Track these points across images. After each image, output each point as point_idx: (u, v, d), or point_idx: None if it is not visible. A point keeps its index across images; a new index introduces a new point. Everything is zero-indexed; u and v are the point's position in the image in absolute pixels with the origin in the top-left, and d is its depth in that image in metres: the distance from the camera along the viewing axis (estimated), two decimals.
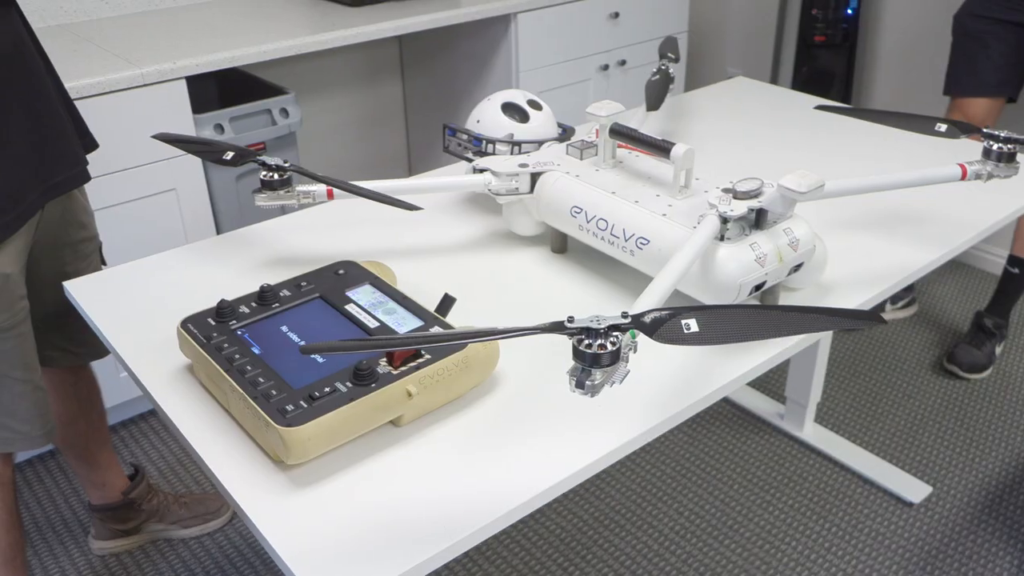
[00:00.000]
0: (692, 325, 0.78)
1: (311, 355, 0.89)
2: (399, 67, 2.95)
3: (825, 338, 1.98)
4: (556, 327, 0.77)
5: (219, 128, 2.01)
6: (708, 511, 1.89)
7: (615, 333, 0.77)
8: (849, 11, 2.65)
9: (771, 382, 2.30)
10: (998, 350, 2.37)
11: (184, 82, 1.91)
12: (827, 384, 2.29)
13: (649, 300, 0.91)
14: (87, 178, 1.35)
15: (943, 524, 1.85)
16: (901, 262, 1.25)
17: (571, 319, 0.77)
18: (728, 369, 1.04)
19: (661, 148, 1.17)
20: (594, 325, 0.77)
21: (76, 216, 1.38)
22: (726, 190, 1.08)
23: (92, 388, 1.62)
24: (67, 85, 1.74)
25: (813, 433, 2.09)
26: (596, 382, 0.77)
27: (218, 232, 2.09)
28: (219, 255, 1.29)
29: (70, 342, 1.46)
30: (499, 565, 1.77)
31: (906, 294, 2.54)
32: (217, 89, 2.32)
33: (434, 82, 2.84)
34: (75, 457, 1.67)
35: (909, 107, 2.86)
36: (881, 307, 2.52)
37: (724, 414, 2.18)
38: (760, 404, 2.20)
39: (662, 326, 0.78)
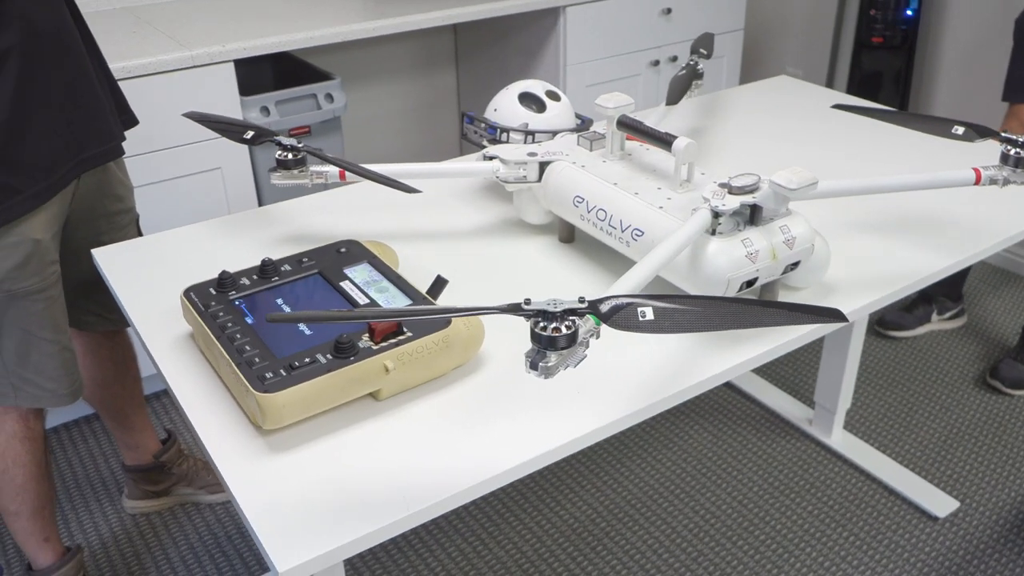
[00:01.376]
0: (648, 313, 0.79)
1: (276, 323, 0.93)
2: (454, 57, 2.99)
3: (856, 343, 1.94)
4: (513, 308, 0.79)
5: (265, 111, 2.08)
6: (724, 511, 1.88)
7: (571, 317, 0.79)
8: (909, 12, 2.58)
9: (802, 386, 2.27)
10: None
11: (232, 65, 1.98)
12: (862, 392, 2.25)
13: (621, 287, 0.92)
14: (120, 153, 1.42)
15: (967, 541, 1.81)
16: (910, 267, 1.23)
17: (528, 301, 0.79)
18: (719, 361, 1.04)
19: (663, 141, 1.18)
20: (550, 308, 0.78)
21: (112, 189, 1.45)
22: (722, 185, 1.08)
23: (127, 353, 1.70)
24: (121, 64, 1.83)
25: (841, 440, 2.06)
26: (550, 364, 0.79)
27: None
28: (241, 230, 1.34)
29: (103, 308, 1.54)
30: (509, 550, 1.80)
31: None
32: (272, 72, 2.40)
33: (487, 73, 2.88)
34: (110, 419, 1.75)
35: (970, 113, 2.78)
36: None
37: (752, 415, 2.17)
38: (789, 408, 2.17)
39: (617, 313, 0.79)
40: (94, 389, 1.68)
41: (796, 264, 1.12)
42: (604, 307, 0.80)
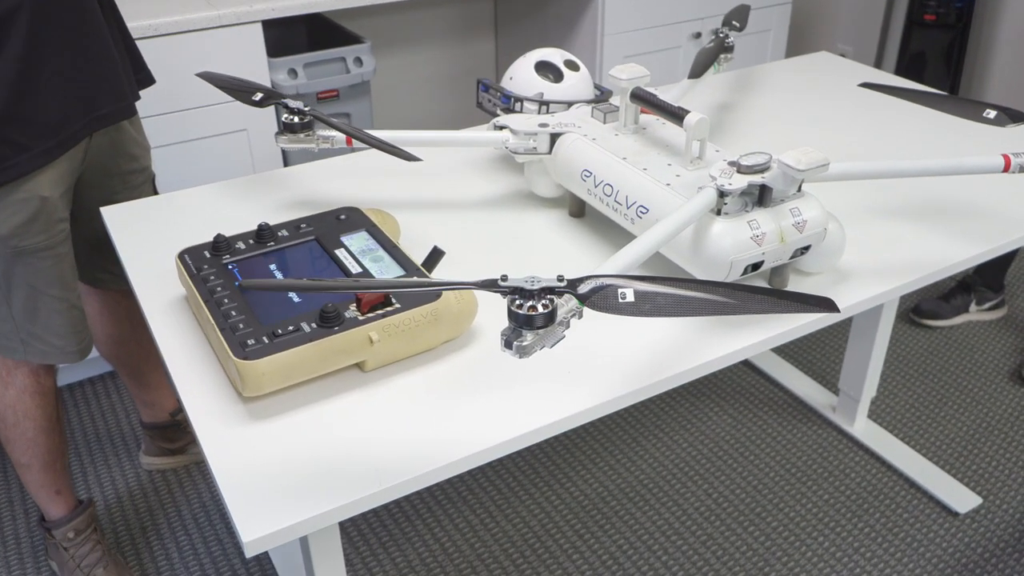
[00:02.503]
0: (628, 295, 0.76)
1: (248, 290, 0.92)
2: (493, 25, 2.95)
3: (884, 330, 1.88)
4: (488, 284, 0.77)
5: (293, 73, 2.07)
6: (738, 495, 1.85)
7: (549, 296, 0.76)
8: None
9: (828, 372, 2.22)
10: None
11: (260, 26, 1.97)
12: (889, 380, 2.19)
13: (612, 266, 0.89)
14: (133, 112, 1.41)
15: (986, 538, 1.75)
16: (931, 256, 1.18)
17: (504, 277, 0.77)
18: (717, 347, 1.01)
19: (675, 115, 1.14)
20: (527, 286, 0.76)
21: (126, 148, 1.45)
22: (731, 163, 1.04)
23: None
24: (148, 22, 1.83)
25: (864, 429, 2.01)
26: (525, 343, 0.77)
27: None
28: (252, 192, 1.33)
29: (117, 266, 1.54)
30: (517, 524, 1.79)
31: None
32: (305, 34, 2.38)
33: (526, 43, 2.83)
34: (127, 376, 1.77)
35: None
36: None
37: (774, 399, 2.12)
38: (813, 393, 2.12)
39: (596, 293, 0.76)
40: (111, 346, 1.70)
41: (806, 248, 1.07)
42: (583, 287, 0.77)
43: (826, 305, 0.76)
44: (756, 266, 1.04)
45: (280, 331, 0.92)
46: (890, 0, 2.70)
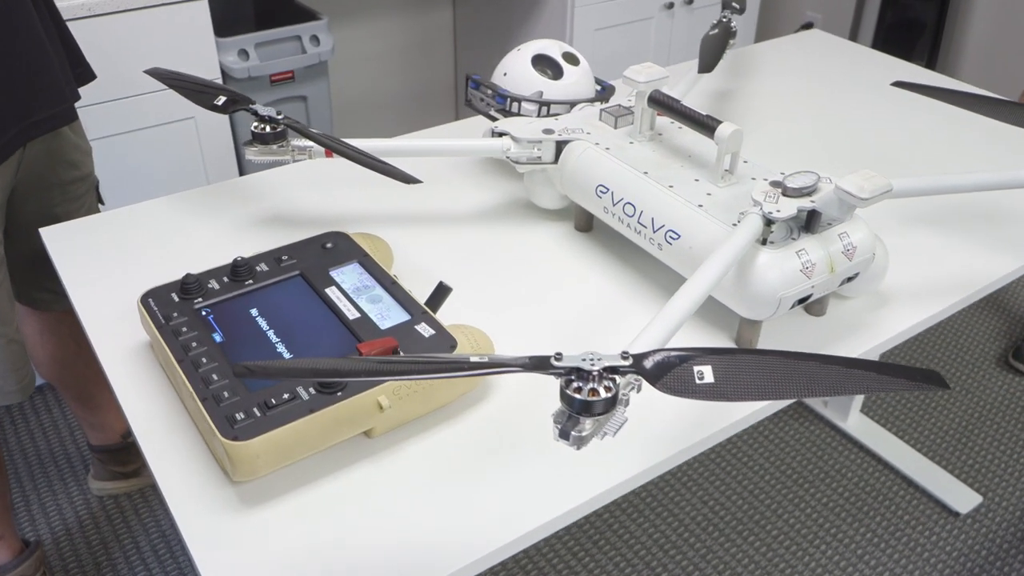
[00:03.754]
0: (706, 374, 0.64)
1: (243, 378, 0.78)
2: None
3: None
4: (540, 364, 0.64)
5: (244, 54, 1.88)
6: (735, 502, 1.77)
7: (611, 377, 0.64)
8: None
9: None
10: None
11: (206, 3, 1.78)
12: None
13: (670, 319, 0.77)
14: (72, 117, 1.24)
15: (990, 540, 1.71)
16: (973, 271, 1.08)
17: (559, 356, 0.64)
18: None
19: (705, 126, 1.01)
20: (586, 366, 0.64)
21: (65, 155, 1.27)
22: (774, 184, 0.93)
23: None
24: (77, 2, 1.63)
25: (857, 424, 1.94)
26: (584, 433, 0.64)
27: (239, 163, 1.98)
28: (212, 207, 1.17)
29: (58, 284, 1.37)
30: None
31: None
32: (252, 10, 2.18)
33: (487, 11, 2.66)
34: (73, 399, 1.60)
35: (1004, 68, 2.60)
36: None
37: None
38: None
39: (668, 373, 0.64)
40: (54, 368, 1.53)
41: (854, 276, 0.97)
42: (651, 364, 0.65)
43: (934, 381, 0.65)
44: (803, 300, 0.93)
45: (274, 400, 0.78)
46: None
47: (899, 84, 1.18)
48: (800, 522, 1.73)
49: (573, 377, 0.64)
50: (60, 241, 1.11)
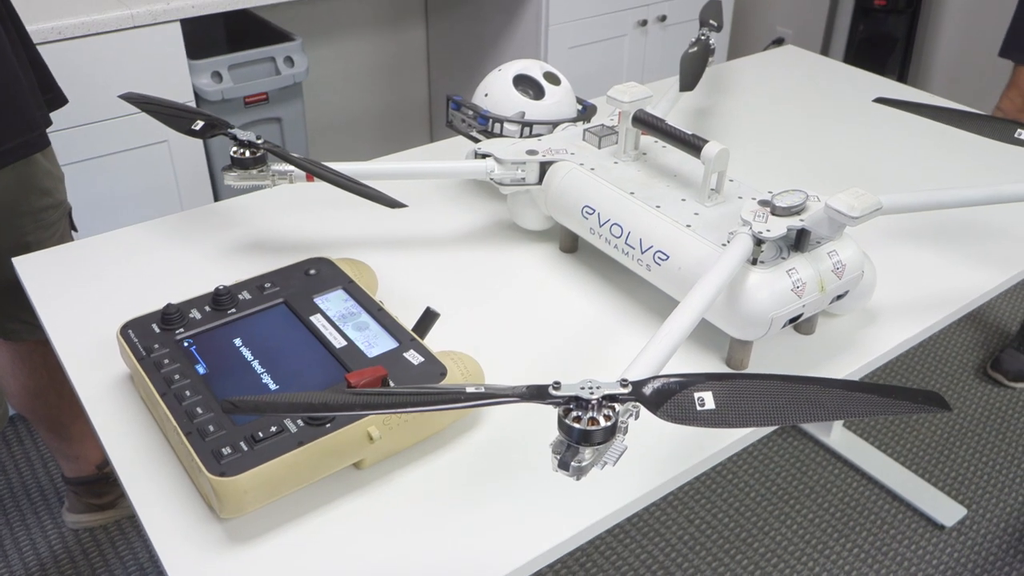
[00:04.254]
0: (707, 400, 0.63)
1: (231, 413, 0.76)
2: (423, 12, 2.76)
3: None
4: (538, 394, 0.62)
5: (217, 76, 1.86)
6: (722, 520, 1.76)
7: (611, 405, 0.63)
8: None
9: None
10: None
11: (178, 25, 1.76)
12: None
13: (665, 343, 0.75)
14: (44, 143, 1.21)
15: (976, 553, 1.71)
16: (959, 286, 1.09)
17: (557, 384, 0.63)
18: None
19: (691, 145, 1.01)
20: (585, 395, 0.62)
21: (37, 182, 1.24)
22: (763, 203, 0.92)
23: None
24: (49, 25, 1.60)
25: (840, 439, 1.94)
26: (584, 463, 0.63)
27: (213, 187, 1.95)
28: (190, 233, 1.15)
29: (30, 314, 1.33)
30: None
31: None
32: (225, 31, 2.16)
33: (461, 30, 2.66)
34: (46, 430, 1.56)
35: (973, 80, 2.64)
36: None
37: None
38: None
39: (669, 400, 0.63)
40: (27, 400, 1.49)
41: (843, 295, 0.96)
42: (650, 391, 0.64)
43: (936, 402, 0.64)
44: (794, 319, 0.93)
45: (261, 433, 0.76)
46: None
47: (881, 100, 1.18)
48: (787, 539, 1.73)
49: (572, 406, 0.63)
50: (34, 270, 1.08)
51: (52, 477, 1.81)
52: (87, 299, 1.03)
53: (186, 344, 0.87)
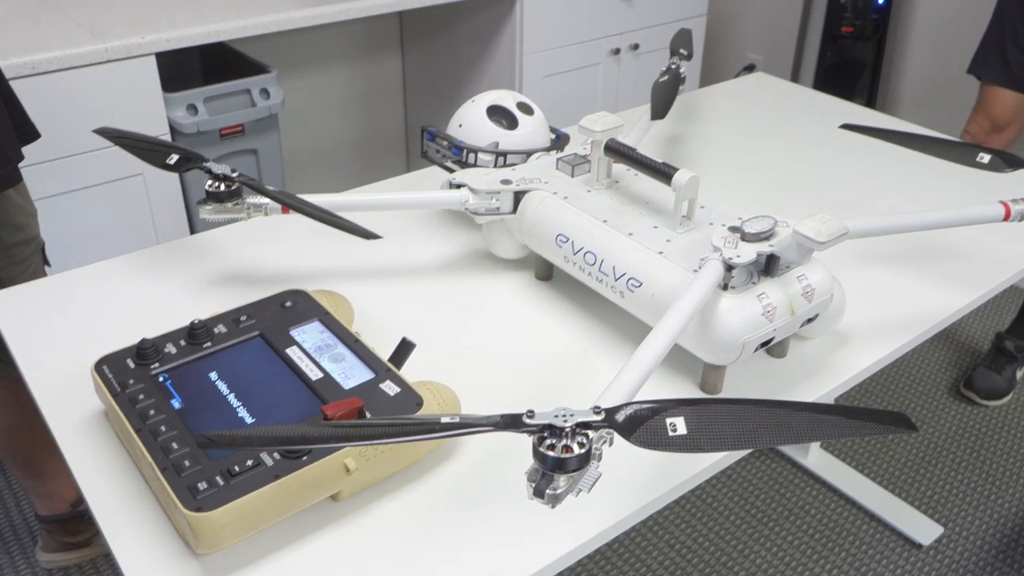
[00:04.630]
0: (679, 425, 0.64)
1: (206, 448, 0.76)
2: (399, 43, 2.79)
3: None
4: (512, 423, 0.63)
5: (192, 109, 1.87)
6: (702, 544, 1.76)
7: (584, 432, 0.63)
8: (880, 1, 2.47)
9: None
10: (1019, 375, 2.22)
11: (153, 58, 1.76)
12: None
13: (638, 369, 0.76)
14: (17, 179, 1.21)
15: (953, 571, 1.72)
16: (928, 306, 1.11)
17: (531, 413, 0.63)
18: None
19: (662, 173, 1.02)
20: (558, 423, 0.63)
21: (10, 218, 1.24)
22: (732, 229, 0.94)
23: None
24: (23, 59, 1.60)
25: (818, 460, 1.96)
26: (559, 490, 0.63)
27: (189, 220, 1.95)
28: (165, 267, 1.15)
29: (5, 352, 1.33)
30: None
31: None
32: (201, 63, 2.17)
33: (436, 60, 2.68)
34: (19, 468, 1.54)
35: (939, 104, 2.69)
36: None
37: None
38: None
39: (641, 426, 0.64)
40: (0, 437, 1.48)
41: (814, 318, 0.98)
42: (623, 417, 0.65)
43: (902, 423, 0.65)
44: (766, 343, 0.94)
45: (237, 467, 0.76)
46: (805, 12, 2.67)
47: (847, 127, 1.21)
48: (767, 561, 1.73)
49: (546, 434, 0.63)
50: (6, 306, 1.08)
51: (25, 516, 1.79)
52: (61, 335, 1.03)
53: (161, 379, 0.87)
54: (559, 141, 1.29)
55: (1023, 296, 2.25)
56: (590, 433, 0.64)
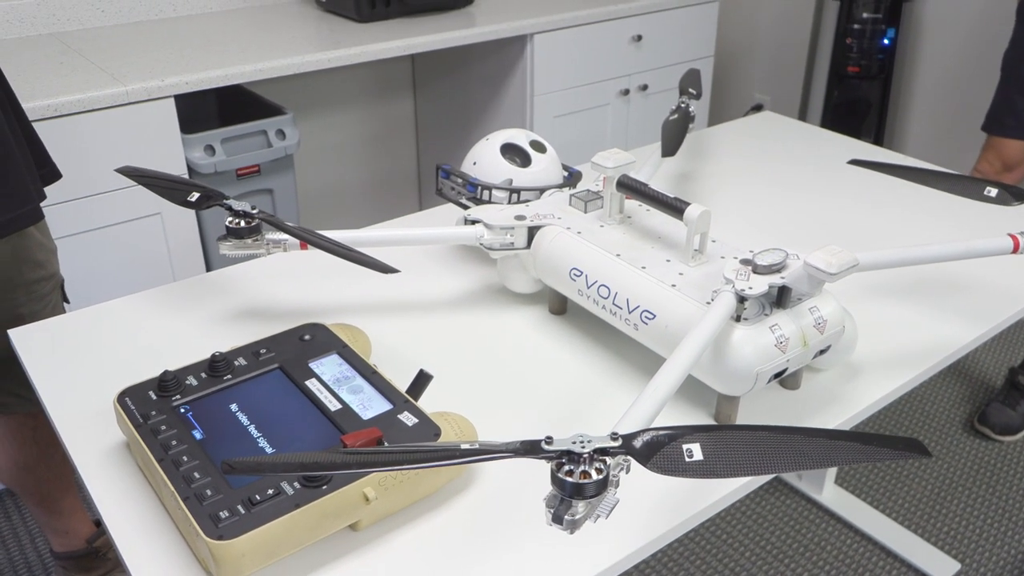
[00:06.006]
0: (695, 451, 0.65)
1: (231, 475, 0.77)
2: (411, 85, 2.84)
3: None
4: (531, 449, 0.64)
5: (210, 150, 1.90)
6: None
7: (602, 458, 0.64)
8: (886, 41, 2.50)
9: None
10: None
11: (172, 100, 1.80)
12: None
13: (654, 398, 0.77)
14: (39, 217, 1.24)
15: None
16: (939, 339, 1.11)
17: (549, 439, 0.64)
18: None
19: (674, 208, 1.04)
20: (576, 449, 0.64)
21: (31, 254, 1.26)
22: (744, 262, 0.95)
23: (54, 432, 1.50)
24: (46, 102, 1.64)
25: (833, 496, 1.95)
26: (578, 516, 0.64)
27: (206, 258, 1.98)
28: (184, 302, 1.17)
29: (24, 387, 1.34)
30: None
31: None
32: (217, 104, 2.22)
33: (448, 102, 2.73)
34: (36, 504, 1.55)
35: (946, 141, 2.71)
36: None
37: None
38: None
39: (658, 452, 0.65)
40: (16, 473, 1.49)
41: (826, 349, 0.99)
42: (640, 444, 0.66)
43: (916, 449, 0.66)
44: (779, 374, 0.95)
45: (258, 496, 0.77)
46: (812, 52, 2.71)
47: (855, 162, 1.23)
48: None
49: (564, 460, 0.64)
50: (29, 342, 1.10)
51: (40, 553, 1.79)
52: (83, 369, 1.04)
53: (183, 410, 0.89)
54: (571, 178, 1.31)
55: None
56: (607, 459, 0.65)
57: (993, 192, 1.11)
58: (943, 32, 2.60)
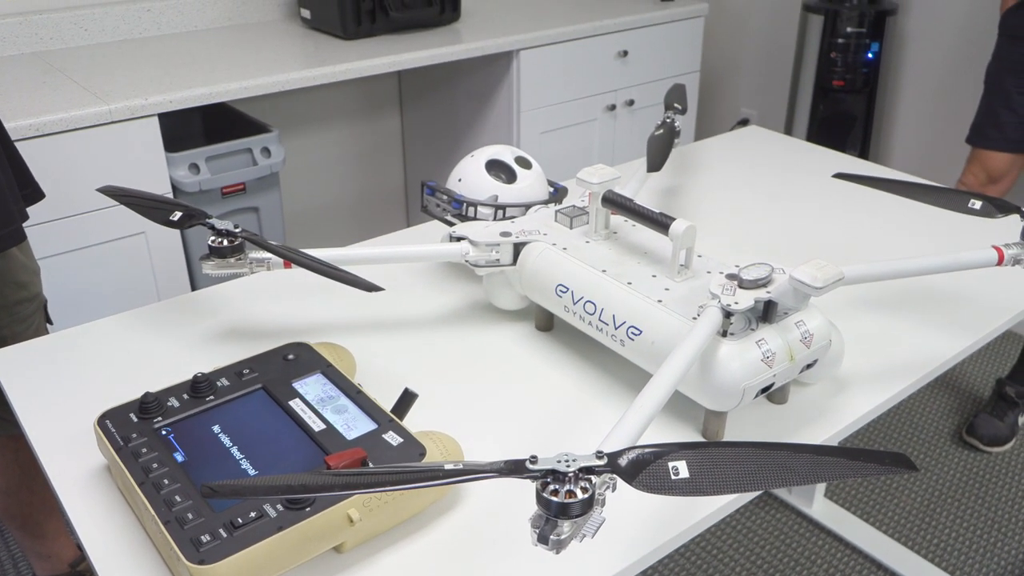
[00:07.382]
0: (681, 469, 0.64)
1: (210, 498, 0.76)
2: (398, 102, 2.84)
3: None
4: (515, 468, 0.63)
5: (195, 168, 1.89)
6: None
7: (587, 477, 0.64)
8: (870, 55, 2.52)
9: None
10: (1021, 421, 2.21)
11: (156, 119, 1.80)
12: None
13: (640, 415, 0.77)
14: (21, 237, 1.23)
15: None
16: (926, 351, 1.11)
17: (534, 459, 0.64)
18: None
19: (659, 223, 1.04)
20: (562, 468, 0.63)
21: (13, 276, 1.25)
22: (730, 276, 0.95)
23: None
24: (28, 122, 1.63)
25: (823, 510, 1.94)
26: (563, 536, 0.63)
27: (191, 277, 1.96)
28: (167, 323, 1.16)
29: (5, 410, 1.33)
30: None
31: None
32: (202, 122, 2.21)
33: (434, 118, 2.73)
34: (18, 528, 1.53)
35: (931, 154, 2.73)
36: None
37: None
38: None
39: (644, 470, 0.64)
40: None
41: (813, 363, 0.98)
42: (626, 462, 0.65)
43: (902, 463, 0.66)
44: (766, 389, 0.94)
45: (240, 519, 0.76)
46: (797, 66, 2.73)
47: (840, 176, 1.23)
48: None
49: (549, 480, 0.63)
50: (9, 364, 1.08)
51: None
52: (63, 391, 1.03)
53: (164, 432, 0.87)
54: (557, 194, 1.31)
55: (1023, 342, 2.26)
56: (593, 478, 0.64)
57: (977, 204, 1.11)
58: (927, 46, 2.62)
